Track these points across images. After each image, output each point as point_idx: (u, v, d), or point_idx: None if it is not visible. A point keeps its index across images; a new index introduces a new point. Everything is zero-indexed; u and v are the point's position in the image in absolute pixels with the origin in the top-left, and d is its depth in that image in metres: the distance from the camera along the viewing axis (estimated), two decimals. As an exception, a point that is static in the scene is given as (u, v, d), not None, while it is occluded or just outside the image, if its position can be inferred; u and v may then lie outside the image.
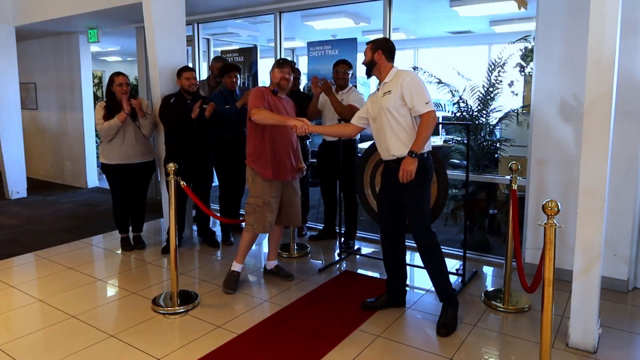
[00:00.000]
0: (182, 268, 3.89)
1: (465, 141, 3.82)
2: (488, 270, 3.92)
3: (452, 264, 3.94)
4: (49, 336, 2.87)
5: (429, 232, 2.92)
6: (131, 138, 4.09)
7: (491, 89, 4.55)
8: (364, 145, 4.77)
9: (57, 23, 6.11)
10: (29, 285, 3.63)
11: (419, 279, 3.72)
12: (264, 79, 7.22)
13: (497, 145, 4.70)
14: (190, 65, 5.75)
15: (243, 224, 3.61)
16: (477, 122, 4.55)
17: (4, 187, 6.70)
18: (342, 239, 4.28)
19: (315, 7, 4.81)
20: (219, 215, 4.33)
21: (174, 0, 4.39)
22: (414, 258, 4.19)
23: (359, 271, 3.88)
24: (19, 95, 6.61)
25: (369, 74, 3.02)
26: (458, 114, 4.58)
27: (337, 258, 4.16)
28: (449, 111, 4.90)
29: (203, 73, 6.00)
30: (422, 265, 3.85)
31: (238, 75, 4.28)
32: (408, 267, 3.96)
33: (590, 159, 2.52)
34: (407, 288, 3.29)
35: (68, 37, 7.11)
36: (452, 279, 3.64)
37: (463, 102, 4.54)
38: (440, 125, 6.24)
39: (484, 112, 4.62)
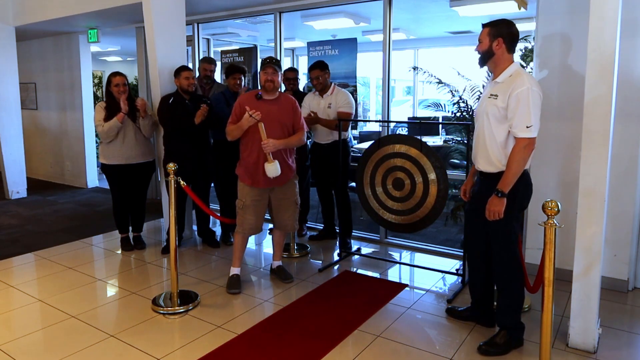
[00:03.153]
0: (182, 268, 3.89)
1: (465, 141, 3.82)
2: (488, 270, 3.91)
3: (452, 264, 3.94)
4: (49, 336, 2.87)
5: (509, 247, 2.58)
6: (131, 138, 4.08)
7: (491, 89, 4.53)
8: (364, 145, 4.77)
9: (57, 23, 6.11)
10: (29, 285, 3.63)
11: (419, 278, 3.72)
12: (264, 79, 7.20)
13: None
14: (190, 65, 5.74)
15: None
16: (477, 122, 4.54)
17: (4, 187, 6.70)
18: (339, 238, 4.28)
19: (315, 7, 4.81)
20: (219, 215, 4.32)
21: (174, 0, 4.39)
22: (413, 258, 4.19)
23: (359, 271, 3.87)
24: (19, 95, 6.62)
25: (482, 63, 2.59)
26: (458, 114, 4.58)
27: (337, 258, 4.16)
28: (449, 111, 4.89)
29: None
30: (421, 265, 3.91)
31: (242, 78, 4.26)
32: (407, 267, 3.98)
33: (590, 159, 2.52)
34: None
35: (68, 37, 7.11)
36: (452, 279, 3.66)
37: (463, 102, 4.54)
38: (440, 125, 6.27)
39: (484, 112, 4.60)
